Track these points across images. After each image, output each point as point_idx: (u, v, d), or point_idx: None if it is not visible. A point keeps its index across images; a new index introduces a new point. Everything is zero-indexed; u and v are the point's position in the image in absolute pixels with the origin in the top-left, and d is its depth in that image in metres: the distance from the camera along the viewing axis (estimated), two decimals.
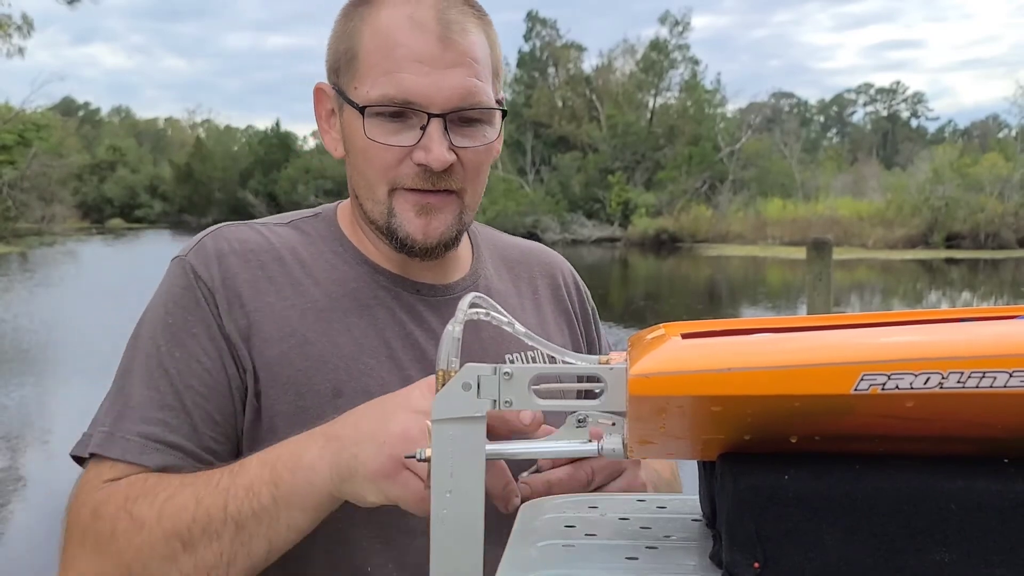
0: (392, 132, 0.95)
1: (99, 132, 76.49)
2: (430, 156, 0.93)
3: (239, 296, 0.97)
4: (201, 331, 0.95)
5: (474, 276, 1.10)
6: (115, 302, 15.50)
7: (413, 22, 0.94)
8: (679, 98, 45.11)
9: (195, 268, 0.97)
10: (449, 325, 0.58)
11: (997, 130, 61.78)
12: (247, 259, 0.99)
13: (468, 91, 0.94)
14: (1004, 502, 0.46)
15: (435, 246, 0.99)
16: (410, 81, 0.93)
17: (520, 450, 0.61)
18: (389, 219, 0.98)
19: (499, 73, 1.02)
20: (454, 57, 0.94)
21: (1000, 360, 0.45)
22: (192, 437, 0.91)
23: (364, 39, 0.96)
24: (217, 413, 0.93)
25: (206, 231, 1.03)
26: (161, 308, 0.97)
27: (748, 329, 0.52)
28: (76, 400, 8.29)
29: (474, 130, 0.97)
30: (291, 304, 0.98)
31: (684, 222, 35.08)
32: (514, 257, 1.18)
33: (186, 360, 0.93)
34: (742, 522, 0.48)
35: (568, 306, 1.18)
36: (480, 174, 1.00)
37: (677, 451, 0.56)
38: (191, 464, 0.89)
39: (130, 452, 0.89)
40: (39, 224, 41.64)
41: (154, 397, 0.92)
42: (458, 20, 0.95)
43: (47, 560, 1.01)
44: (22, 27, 38.52)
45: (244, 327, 0.95)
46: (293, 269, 1.01)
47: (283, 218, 1.08)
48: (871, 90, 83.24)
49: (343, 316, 0.99)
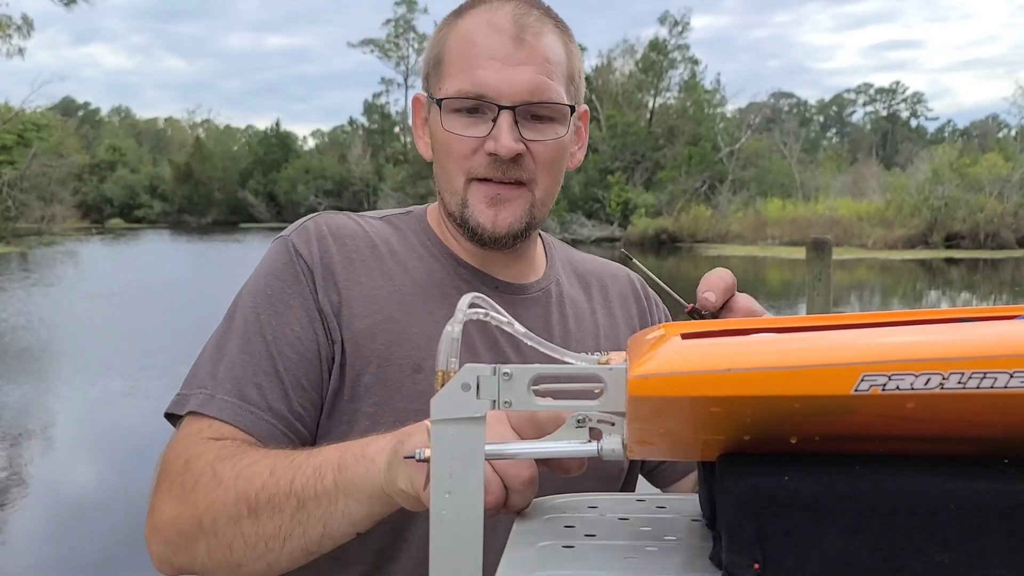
0: (467, 125, 1.03)
1: (99, 132, 76.44)
2: (498, 144, 1.00)
3: (333, 274, 1.04)
4: (297, 303, 1.02)
5: (548, 279, 1.17)
6: (111, 302, 15.53)
7: (491, 25, 1.02)
8: (679, 98, 45.12)
9: (296, 246, 1.05)
10: (448, 325, 0.58)
11: (997, 130, 61.83)
12: (344, 243, 1.07)
13: (537, 87, 1.01)
14: (1004, 503, 0.46)
15: (504, 235, 1.05)
16: (483, 76, 1.00)
17: (519, 450, 0.61)
18: (463, 209, 1.05)
19: (575, 80, 1.08)
20: (526, 55, 1.01)
21: (1001, 361, 0.44)
22: (283, 400, 0.97)
23: (449, 44, 1.05)
24: (305, 379, 0.99)
25: (308, 216, 1.11)
26: (262, 279, 1.04)
27: (748, 329, 0.52)
28: (66, 397, 8.31)
29: (544, 126, 1.03)
30: (380, 285, 1.06)
31: (684, 222, 35.09)
32: (586, 268, 1.25)
33: (281, 328, 1.00)
34: (742, 523, 0.48)
35: (635, 311, 1.23)
36: (550, 170, 1.06)
37: (677, 451, 0.56)
38: (280, 428, 0.96)
39: (226, 412, 0.94)
40: (39, 224, 41.64)
41: (250, 361, 0.99)
42: (533, 25, 1.03)
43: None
44: (22, 27, 38.51)
45: (336, 302, 1.03)
46: (384, 256, 1.09)
47: (377, 214, 1.18)
48: (871, 90, 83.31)
49: (426, 301, 1.06)
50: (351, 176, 57.49)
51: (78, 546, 4.58)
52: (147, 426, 7.09)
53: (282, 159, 62.91)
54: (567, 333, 1.13)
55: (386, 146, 58.87)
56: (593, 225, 36.85)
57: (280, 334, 0.99)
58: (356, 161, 57.81)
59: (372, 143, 60.24)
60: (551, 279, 1.17)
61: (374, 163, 57.00)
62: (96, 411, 7.89)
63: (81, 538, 4.69)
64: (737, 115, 48.60)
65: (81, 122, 74.85)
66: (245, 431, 0.94)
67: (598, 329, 1.17)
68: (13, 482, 5.76)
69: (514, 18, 1.02)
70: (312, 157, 65.30)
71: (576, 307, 1.17)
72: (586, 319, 1.17)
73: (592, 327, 1.16)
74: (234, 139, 74.50)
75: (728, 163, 40.01)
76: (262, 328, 1.00)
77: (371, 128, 63.50)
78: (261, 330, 1.00)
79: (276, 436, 0.95)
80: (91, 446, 6.88)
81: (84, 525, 4.95)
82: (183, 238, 41.56)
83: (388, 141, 59.64)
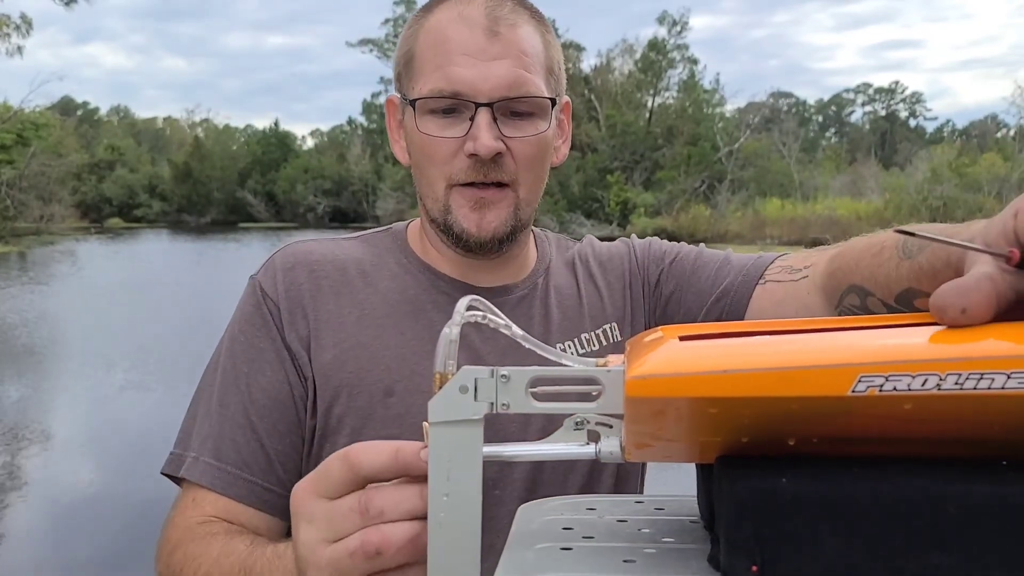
0: (444, 126, 0.98)
1: (98, 132, 76.34)
2: (477, 144, 0.96)
3: (301, 306, 1.02)
4: (267, 345, 1.01)
5: (533, 277, 1.12)
6: (107, 301, 15.53)
7: (462, 19, 0.97)
8: (678, 98, 45.12)
9: (263, 285, 1.04)
10: (446, 328, 0.58)
11: (995, 130, 61.83)
12: (311, 270, 1.05)
13: (515, 81, 0.96)
14: (1002, 505, 0.46)
15: (489, 240, 1.01)
16: (457, 73, 0.96)
17: (518, 452, 0.61)
18: (446, 215, 1.01)
19: (555, 72, 1.03)
20: (501, 49, 0.96)
21: (999, 361, 0.44)
22: (260, 451, 0.98)
23: (420, 41, 1.00)
24: (281, 423, 0.99)
25: (276, 249, 1.09)
26: (236, 326, 1.04)
27: (746, 331, 0.52)
28: (65, 390, 8.31)
29: (524, 122, 0.99)
30: (348, 312, 1.03)
31: (683, 222, 35.08)
32: (586, 254, 1.19)
33: (254, 375, 1.00)
34: (740, 525, 0.48)
35: (626, 266, 1.18)
36: (533, 167, 1.02)
37: (675, 454, 0.56)
38: (259, 482, 0.98)
39: (206, 477, 0.98)
40: (38, 224, 41.61)
41: (226, 416, 1.00)
42: (507, 16, 0.98)
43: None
44: (20, 26, 38.48)
45: (304, 336, 1.01)
46: (353, 280, 1.06)
47: (352, 235, 1.14)
48: (869, 90, 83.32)
49: (398, 321, 1.03)
50: (350, 176, 57.51)
51: (71, 541, 4.58)
52: (144, 419, 7.13)
53: (281, 159, 62.90)
54: (548, 328, 1.09)
55: (385, 146, 58.73)
56: (592, 225, 36.82)
57: (254, 381, 1.00)
58: (355, 161, 57.82)
59: (371, 143, 60.19)
60: (538, 274, 1.13)
61: (373, 163, 56.98)
62: (94, 404, 7.90)
63: (74, 533, 4.69)
64: (736, 115, 48.64)
65: (80, 121, 74.75)
66: (224, 495, 0.97)
67: (582, 308, 1.13)
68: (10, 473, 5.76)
69: (487, 10, 0.98)
70: (311, 157, 65.29)
71: (560, 294, 1.13)
72: (571, 304, 1.13)
73: (576, 309, 1.13)
74: (233, 139, 74.39)
75: (727, 163, 40.02)
76: (237, 378, 1.01)
77: (370, 128, 63.48)
78: (236, 380, 1.01)
79: (256, 491, 0.98)
80: (88, 439, 6.89)
81: (78, 519, 4.95)
82: (182, 237, 41.55)
83: (387, 141, 59.42)
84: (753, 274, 1.08)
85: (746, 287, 1.08)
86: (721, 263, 1.13)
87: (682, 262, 1.16)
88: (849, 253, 0.88)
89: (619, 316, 1.14)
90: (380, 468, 0.61)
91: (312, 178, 58.99)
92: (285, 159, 62.92)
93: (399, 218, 1.24)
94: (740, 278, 1.09)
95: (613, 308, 1.14)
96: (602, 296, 1.15)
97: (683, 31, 46.19)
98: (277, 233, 44.91)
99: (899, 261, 0.75)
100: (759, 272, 1.08)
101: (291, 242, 1.10)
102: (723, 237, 34.06)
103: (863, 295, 0.83)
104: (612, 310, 1.14)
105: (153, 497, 5.06)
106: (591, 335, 1.11)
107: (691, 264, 1.15)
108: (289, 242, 1.11)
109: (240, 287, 1.06)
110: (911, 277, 0.73)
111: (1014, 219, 0.50)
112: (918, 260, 0.71)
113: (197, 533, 0.94)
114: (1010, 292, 0.48)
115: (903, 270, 0.74)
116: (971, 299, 0.47)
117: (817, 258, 0.98)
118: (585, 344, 1.10)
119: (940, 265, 0.66)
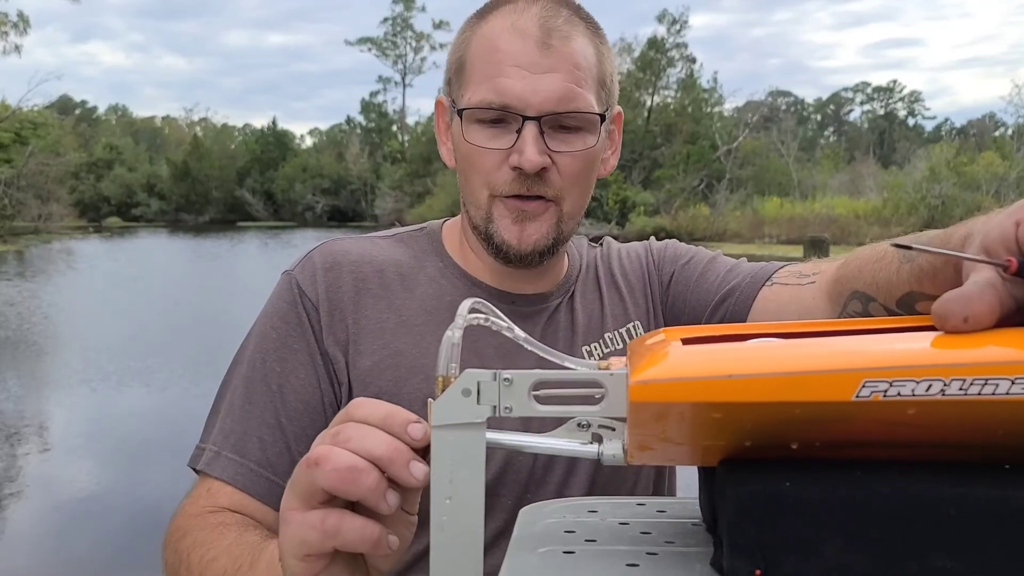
0: (491, 136, 0.97)
1: (96, 130, 76.31)
2: (523, 158, 0.94)
3: (341, 309, 1.01)
4: (301, 346, 1.00)
5: (567, 284, 1.13)
6: (99, 297, 15.56)
7: (515, 29, 0.96)
8: (676, 97, 45.12)
9: (300, 283, 1.02)
10: (448, 331, 0.58)
11: (994, 129, 61.88)
12: (351, 271, 1.04)
13: (564, 95, 0.95)
14: (1004, 508, 0.46)
15: (529, 253, 1.00)
16: (507, 85, 0.94)
17: (520, 442, 0.60)
18: (487, 225, 1.00)
19: (606, 84, 1.02)
20: (552, 63, 0.95)
21: (1002, 367, 0.44)
22: (285, 453, 0.97)
23: (471, 48, 0.99)
24: (311, 428, 0.97)
25: (315, 246, 1.07)
26: (268, 322, 1.02)
27: (748, 334, 0.52)
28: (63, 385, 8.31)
29: (573, 136, 0.98)
30: (386, 317, 1.02)
31: (682, 221, 35.08)
32: (608, 257, 1.20)
33: (286, 375, 0.99)
34: (743, 528, 0.48)
35: (646, 270, 1.19)
36: (579, 182, 1.01)
37: (678, 457, 0.56)
38: (281, 483, 0.95)
39: (227, 472, 0.96)
40: (36, 223, 41.56)
41: (254, 413, 0.98)
42: (561, 28, 0.96)
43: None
44: (18, 24, 38.42)
45: (343, 340, 1.00)
46: (392, 283, 1.04)
47: (387, 233, 1.13)
48: (868, 89, 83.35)
49: (436, 328, 1.02)
50: (348, 175, 57.52)
51: (70, 540, 4.57)
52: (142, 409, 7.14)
53: (279, 158, 62.90)
54: (574, 331, 1.10)
55: (383, 145, 58.84)
56: (591, 224, 36.82)
57: (285, 382, 0.99)
58: (353, 160, 57.84)
59: (369, 142, 60.25)
60: (571, 281, 1.14)
61: (371, 162, 57.03)
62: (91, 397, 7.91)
63: (73, 532, 4.68)
64: (735, 114, 48.65)
65: (78, 120, 74.73)
66: (244, 491, 0.96)
67: (604, 311, 1.14)
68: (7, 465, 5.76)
69: (540, 20, 0.96)
70: (310, 156, 65.29)
71: (586, 299, 1.14)
72: (594, 308, 1.14)
73: (599, 312, 1.14)
74: (231, 138, 74.37)
75: (726, 162, 40.03)
76: (267, 376, 0.99)
77: (368, 127, 63.49)
78: (266, 378, 0.99)
79: (276, 492, 0.95)
80: (85, 434, 6.89)
81: (72, 510, 4.94)
82: (181, 236, 41.54)
83: (385, 140, 59.59)
84: (761, 276, 1.09)
85: (752, 288, 1.08)
86: (732, 266, 1.14)
87: (695, 264, 1.17)
88: (854, 262, 0.88)
89: (642, 315, 1.15)
90: (371, 423, 0.61)
91: (310, 177, 58.99)
92: (283, 158, 62.92)
93: (397, 217, 1.23)
94: (748, 279, 1.09)
95: (635, 308, 1.15)
96: (623, 297, 1.16)
97: (682, 30, 46.29)
98: (276, 232, 44.92)
99: (899, 265, 0.75)
100: (768, 275, 1.08)
101: (328, 239, 1.09)
102: (722, 236, 34.07)
103: (865, 301, 0.83)
104: (634, 309, 1.15)
105: (156, 495, 5.07)
106: (614, 334, 1.12)
107: (703, 266, 1.16)
108: (327, 240, 1.09)
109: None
110: (912, 280, 0.73)
111: (1015, 228, 0.50)
112: (918, 262, 0.71)
113: (209, 522, 0.93)
114: (1011, 300, 0.48)
115: (903, 274, 0.74)
116: (973, 308, 0.47)
117: (826, 266, 0.98)
118: (609, 344, 1.11)
119: (940, 265, 0.66)
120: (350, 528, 0.59)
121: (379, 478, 0.58)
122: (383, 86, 66.02)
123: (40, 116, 44.57)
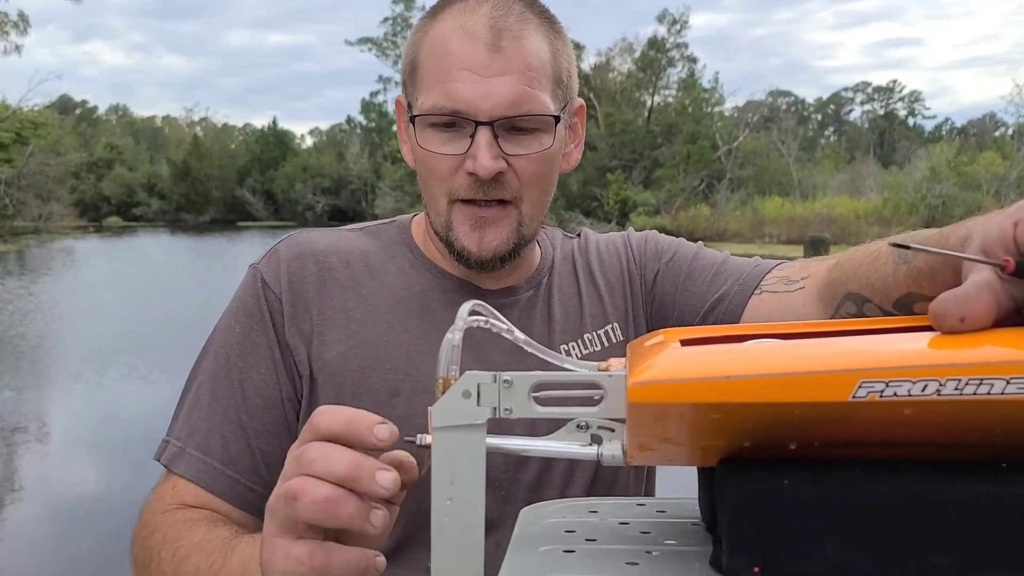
0: (445, 141, 0.96)
1: (96, 130, 76.30)
2: (476, 164, 0.93)
3: (305, 300, 1.00)
4: (263, 341, 1.00)
5: (538, 277, 1.11)
6: (108, 298, 15.58)
7: (464, 31, 0.94)
8: (677, 97, 45.10)
9: (264, 276, 1.02)
10: (449, 333, 0.58)
11: (994, 128, 61.83)
12: (317, 261, 1.03)
13: (517, 98, 0.93)
14: (1002, 507, 0.46)
15: (490, 259, 1.00)
16: (458, 90, 0.93)
17: (520, 445, 0.61)
18: (448, 231, 1.00)
19: (563, 81, 1.00)
20: (503, 64, 0.93)
21: (998, 367, 0.45)
22: (247, 450, 0.97)
23: (423, 50, 0.98)
24: (272, 424, 0.98)
25: (280, 239, 1.07)
26: (232, 317, 1.02)
27: (746, 335, 0.53)
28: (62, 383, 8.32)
29: (528, 138, 0.96)
30: (353, 307, 1.01)
31: (682, 220, 35.04)
32: (585, 250, 1.18)
33: (248, 371, 0.99)
34: (742, 528, 0.48)
35: (625, 264, 1.16)
36: (537, 183, 0.99)
37: (677, 457, 0.57)
38: (244, 481, 0.97)
39: (190, 469, 0.96)
40: (36, 222, 41.58)
41: (217, 409, 0.98)
42: (512, 27, 0.94)
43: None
44: (18, 24, 38.43)
45: (308, 331, 1.00)
46: (359, 273, 1.04)
47: (357, 226, 1.12)
48: (868, 89, 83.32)
49: (404, 319, 1.02)
50: (349, 174, 57.48)
51: (69, 539, 4.58)
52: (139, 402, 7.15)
53: (280, 157, 62.89)
54: (551, 328, 1.09)
55: (384, 144, 58.76)
56: (591, 223, 36.78)
57: (246, 378, 0.99)
58: (354, 159, 57.78)
59: (370, 141, 60.16)
60: (542, 273, 1.12)
61: (372, 161, 56.95)
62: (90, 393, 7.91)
63: (71, 530, 4.69)
64: (735, 114, 48.63)
65: (79, 120, 74.71)
66: (207, 489, 0.96)
67: (583, 308, 1.12)
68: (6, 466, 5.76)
69: (491, 21, 0.93)
70: (310, 155, 65.26)
71: (563, 293, 1.12)
72: (572, 304, 1.12)
73: (577, 309, 1.12)
74: (232, 137, 74.38)
75: (726, 161, 40.00)
76: (229, 372, 0.99)
77: (369, 126, 63.45)
78: (228, 374, 0.99)
79: (239, 490, 0.97)
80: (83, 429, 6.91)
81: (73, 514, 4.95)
82: (181, 236, 41.54)
83: (386, 139, 59.50)
84: (749, 284, 1.07)
85: (741, 296, 1.06)
86: (718, 267, 1.12)
87: (679, 262, 1.15)
88: (847, 263, 0.87)
89: (620, 316, 1.13)
90: (335, 433, 0.62)
91: (311, 177, 58.95)
92: (284, 158, 62.89)
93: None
94: (736, 287, 1.08)
95: (614, 308, 1.13)
96: (602, 296, 1.14)
97: (683, 29, 46.27)
98: (276, 232, 44.87)
99: (896, 266, 0.75)
100: (755, 282, 1.07)
101: (295, 232, 1.08)
102: (722, 235, 34.05)
103: (860, 302, 0.83)
104: (613, 310, 1.13)
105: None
106: (593, 335, 1.10)
107: (688, 265, 1.14)
108: (295, 232, 1.09)
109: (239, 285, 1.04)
110: (910, 281, 0.73)
111: (1014, 228, 0.50)
112: (915, 264, 0.71)
113: (177, 518, 0.93)
114: (1008, 300, 0.48)
115: (901, 275, 0.74)
116: (970, 308, 0.47)
117: (816, 269, 0.97)
118: (588, 344, 1.09)
119: (938, 266, 0.66)
120: (338, 563, 0.61)
121: (358, 504, 0.59)
122: (383, 86, 66.03)
123: (40, 116, 44.57)
